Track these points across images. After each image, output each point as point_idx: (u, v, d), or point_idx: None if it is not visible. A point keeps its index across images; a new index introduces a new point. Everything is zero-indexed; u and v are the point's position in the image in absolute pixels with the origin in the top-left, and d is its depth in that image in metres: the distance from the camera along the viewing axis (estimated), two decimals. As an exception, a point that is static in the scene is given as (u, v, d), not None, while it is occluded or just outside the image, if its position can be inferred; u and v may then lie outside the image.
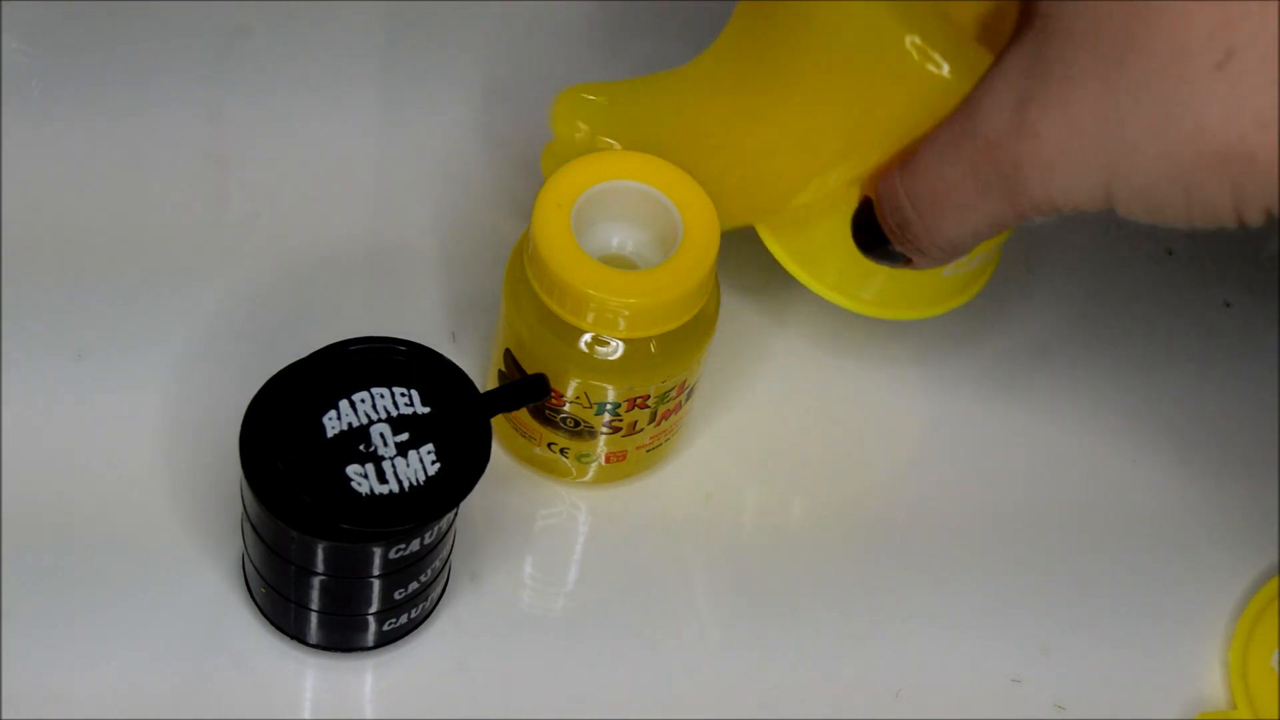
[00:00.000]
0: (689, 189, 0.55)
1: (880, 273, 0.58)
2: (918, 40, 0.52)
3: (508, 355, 0.57)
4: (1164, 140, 0.42)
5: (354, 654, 0.57)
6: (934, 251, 0.51)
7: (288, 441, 0.50)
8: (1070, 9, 0.43)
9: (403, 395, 0.51)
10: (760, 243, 0.66)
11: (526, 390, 0.55)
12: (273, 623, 0.56)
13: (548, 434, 0.58)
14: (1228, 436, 0.64)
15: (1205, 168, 0.42)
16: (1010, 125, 0.45)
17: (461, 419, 0.51)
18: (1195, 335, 0.66)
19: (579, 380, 0.55)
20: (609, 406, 0.56)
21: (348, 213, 0.65)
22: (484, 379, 0.60)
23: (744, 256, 0.66)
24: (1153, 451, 0.63)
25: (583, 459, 0.59)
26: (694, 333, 0.55)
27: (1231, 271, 0.67)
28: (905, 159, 0.50)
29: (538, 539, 0.60)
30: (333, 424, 0.51)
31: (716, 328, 0.56)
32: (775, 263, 0.66)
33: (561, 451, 0.59)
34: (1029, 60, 0.45)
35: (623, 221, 0.56)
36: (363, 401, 0.51)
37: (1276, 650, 0.59)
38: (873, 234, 0.53)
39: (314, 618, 0.55)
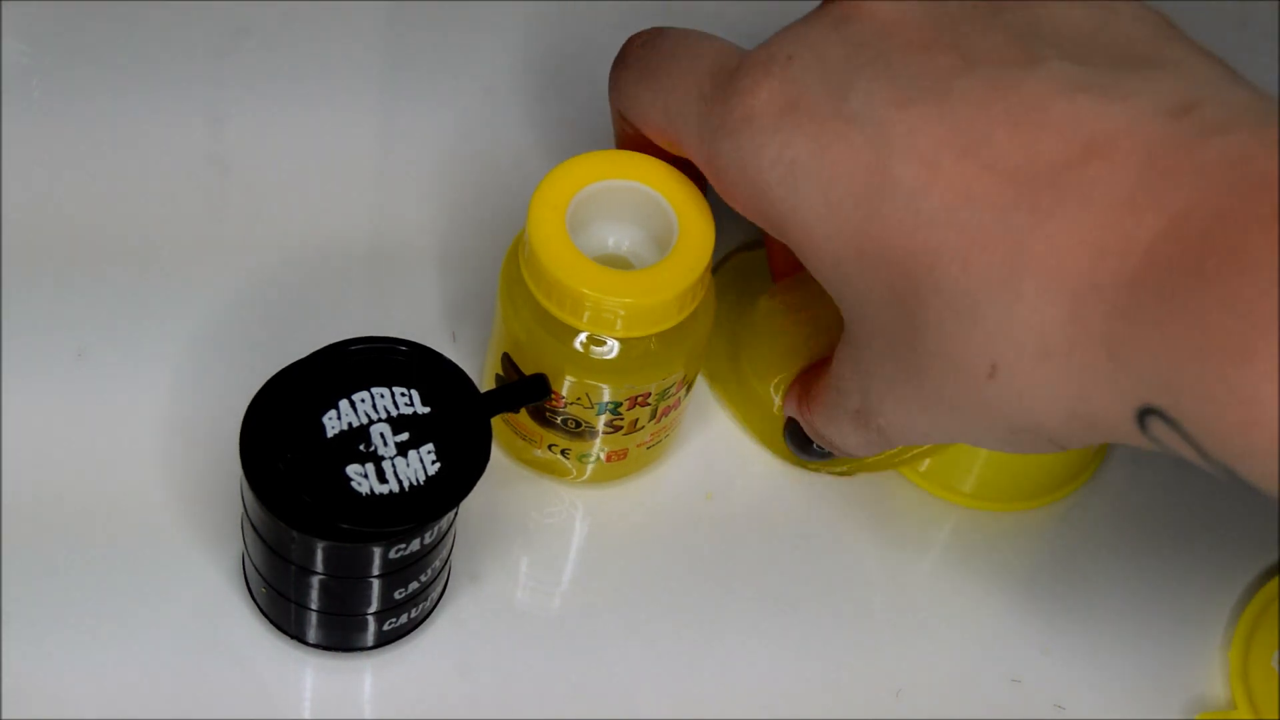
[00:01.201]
0: (683, 187, 0.55)
1: (976, 467, 0.61)
2: None
3: (505, 359, 0.57)
4: (977, 421, 0.48)
5: (354, 654, 0.57)
6: (861, 454, 0.55)
7: (288, 441, 0.50)
8: (867, 325, 0.50)
9: (403, 395, 0.51)
10: (756, 238, 0.66)
11: (527, 390, 0.55)
12: (273, 622, 0.56)
13: (548, 436, 0.58)
14: (1228, 436, 0.64)
15: (1007, 438, 0.49)
16: (863, 408, 0.52)
17: (462, 419, 0.51)
18: (1195, 335, 0.66)
19: (577, 380, 0.55)
20: (609, 406, 0.56)
21: (348, 213, 0.65)
22: (483, 379, 0.60)
23: (740, 251, 0.66)
24: (1152, 451, 0.63)
25: (583, 458, 0.59)
26: (692, 329, 0.55)
27: (1231, 271, 0.67)
28: (808, 401, 0.56)
29: (537, 539, 0.60)
30: (333, 424, 0.51)
31: (714, 324, 0.57)
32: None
33: (562, 453, 0.59)
34: (856, 359, 0.51)
35: (618, 221, 0.56)
36: (363, 401, 0.51)
37: (1276, 650, 0.59)
38: (805, 440, 0.58)
39: (314, 617, 0.55)
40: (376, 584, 0.53)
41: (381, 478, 0.50)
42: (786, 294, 0.60)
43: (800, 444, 0.58)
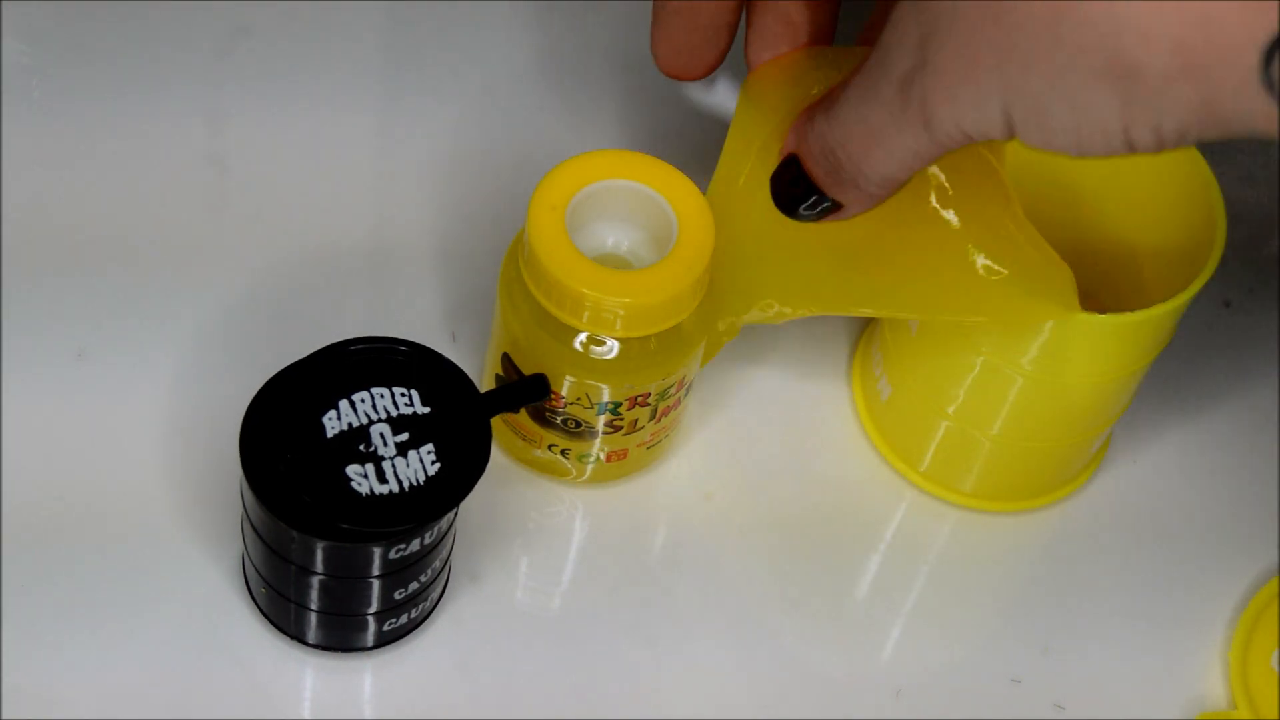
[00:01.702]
0: (682, 187, 0.55)
1: (976, 466, 0.60)
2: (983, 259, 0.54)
3: (505, 359, 0.57)
4: (1052, 60, 0.43)
5: (354, 654, 0.57)
6: (870, 188, 0.51)
7: (288, 441, 0.50)
8: None
9: (403, 395, 0.51)
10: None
11: (527, 390, 0.55)
12: (273, 623, 0.56)
13: (548, 436, 0.58)
14: (1228, 437, 0.64)
15: (1092, 85, 0.43)
16: (915, 62, 0.46)
17: (461, 419, 0.51)
18: (1195, 335, 0.66)
19: (577, 380, 0.55)
20: (608, 406, 0.56)
21: (348, 213, 0.65)
22: (483, 379, 0.60)
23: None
24: (1153, 451, 0.63)
25: (583, 458, 0.59)
26: (691, 329, 0.55)
27: (1231, 271, 0.67)
28: (825, 106, 0.51)
29: (537, 539, 0.60)
30: (333, 424, 0.51)
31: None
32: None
33: (562, 453, 0.59)
34: (912, 26, 0.46)
35: (617, 221, 0.56)
36: (363, 401, 0.51)
37: (1276, 650, 0.59)
38: (799, 188, 0.53)
39: (314, 618, 0.55)
40: (376, 584, 0.53)
41: (381, 478, 0.50)
42: None
43: (790, 196, 0.54)
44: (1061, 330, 0.54)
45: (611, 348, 0.55)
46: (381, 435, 0.51)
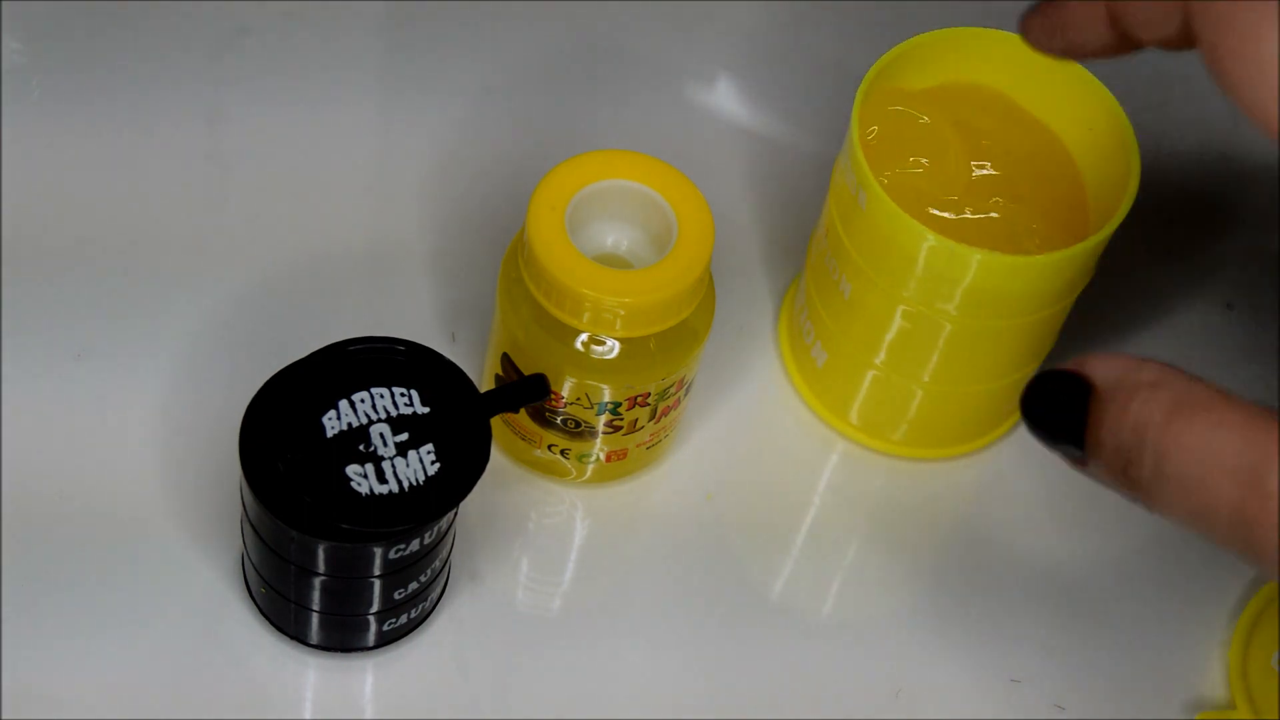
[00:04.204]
0: (682, 187, 0.55)
1: (906, 418, 0.61)
2: None
3: (505, 359, 0.57)
4: None
5: (354, 654, 0.57)
6: (1136, 497, 0.42)
7: (288, 441, 0.50)
8: None
9: (402, 395, 0.51)
10: (753, 239, 0.66)
11: (527, 390, 0.55)
12: (273, 623, 0.56)
13: (547, 436, 0.58)
14: (1228, 436, 0.64)
15: None
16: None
17: (461, 419, 0.51)
18: (1196, 336, 0.66)
19: (577, 380, 0.55)
20: (609, 406, 0.56)
21: (347, 212, 0.65)
22: (483, 379, 0.60)
23: (738, 250, 0.66)
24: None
25: (583, 459, 0.59)
26: (691, 329, 0.55)
27: (1232, 272, 0.67)
28: (1175, 407, 0.41)
29: (537, 539, 0.60)
30: (332, 424, 0.51)
31: (713, 324, 0.56)
32: (770, 257, 0.66)
33: (562, 453, 0.59)
34: None
35: (617, 221, 0.56)
36: (362, 401, 0.51)
37: (1276, 650, 0.59)
38: (1069, 420, 0.43)
39: (314, 618, 0.55)
40: (377, 584, 0.53)
41: (381, 478, 0.50)
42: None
43: (1051, 420, 0.43)
44: (985, 273, 0.54)
45: (612, 348, 0.55)
46: (381, 435, 0.51)
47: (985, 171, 0.57)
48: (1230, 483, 0.39)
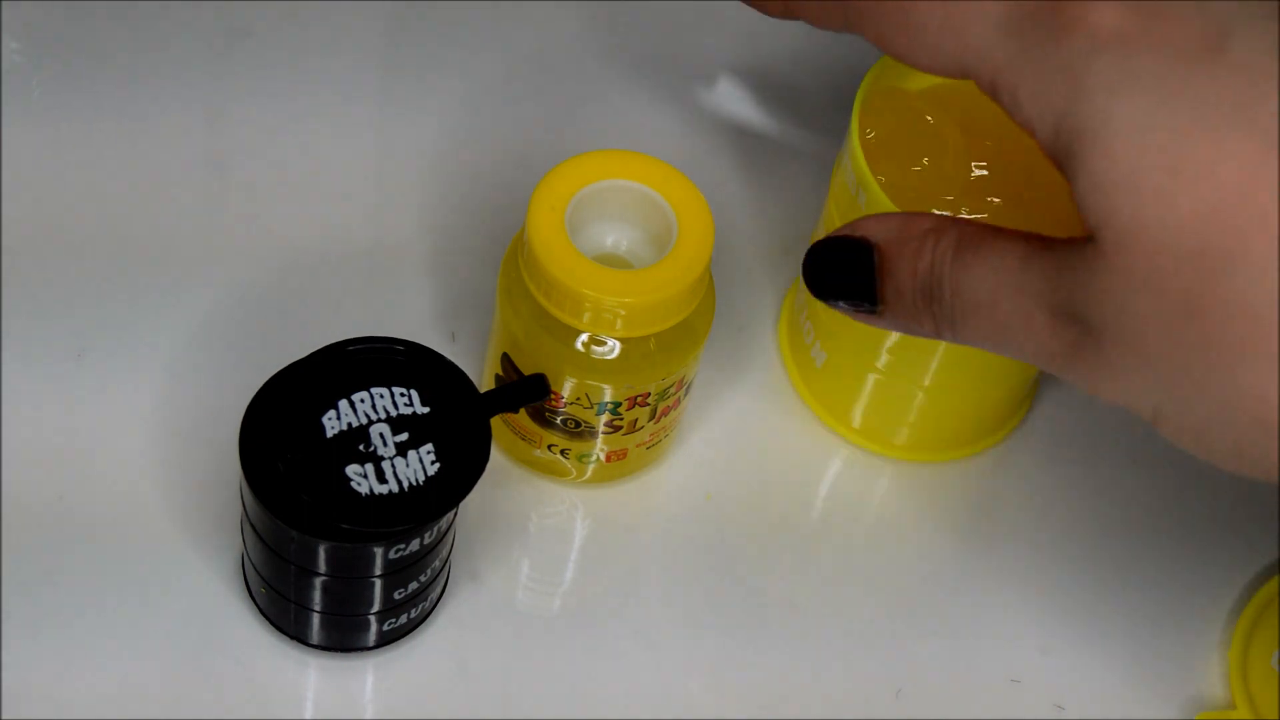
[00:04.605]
0: (682, 187, 0.55)
1: (907, 421, 0.61)
2: None
3: (505, 359, 0.57)
4: (1222, 396, 0.43)
5: (354, 654, 0.57)
6: (943, 334, 0.48)
7: (288, 441, 0.50)
8: (1138, 251, 0.43)
9: (402, 395, 0.51)
10: (753, 239, 0.66)
11: (527, 390, 0.55)
12: (273, 623, 0.56)
13: (547, 436, 0.58)
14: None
15: (1261, 432, 0.43)
16: (1078, 334, 0.45)
17: (461, 419, 0.51)
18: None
19: (577, 381, 0.55)
20: (609, 406, 0.56)
21: (347, 212, 0.65)
22: (483, 379, 0.60)
23: (738, 250, 0.66)
24: (1153, 451, 0.63)
25: (583, 458, 0.59)
26: (692, 329, 0.55)
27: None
28: (960, 244, 0.47)
29: (537, 539, 0.60)
30: (332, 424, 0.51)
31: (713, 323, 0.56)
32: (770, 257, 0.66)
33: (562, 453, 0.59)
34: (1088, 276, 0.44)
35: (617, 221, 0.56)
36: (362, 401, 0.51)
37: (1276, 650, 0.59)
38: (856, 280, 0.49)
39: (314, 618, 0.55)
40: (377, 584, 0.53)
41: (381, 478, 0.50)
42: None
43: (837, 282, 0.50)
44: None
45: (612, 348, 0.55)
46: (381, 435, 0.51)
47: (983, 172, 0.57)
48: (1014, 296, 0.45)
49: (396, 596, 0.54)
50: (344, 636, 0.56)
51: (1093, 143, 0.43)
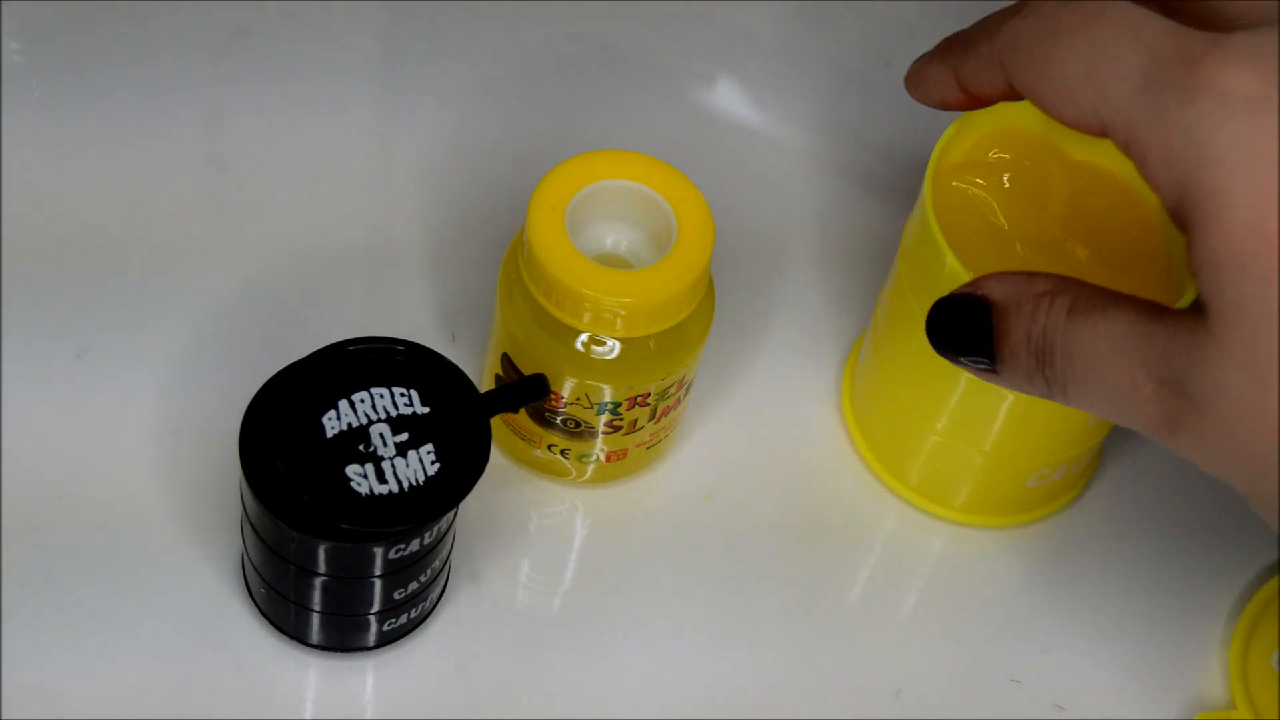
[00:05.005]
0: (682, 187, 0.55)
1: (966, 481, 0.60)
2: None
3: (505, 359, 0.57)
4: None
5: (354, 654, 0.57)
6: (1054, 396, 0.48)
7: (287, 441, 0.50)
8: (1241, 331, 0.43)
9: (402, 395, 0.51)
10: (753, 239, 0.66)
11: (527, 390, 0.55)
12: (273, 623, 0.56)
13: (547, 436, 0.58)
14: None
15: None
16: (1181, 405, 0.45)
17: (461, 419, 0.51)
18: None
19: (577, 381, 0.55)
20: (609, 406, 0.56)
21: (347, 212, 0.65)
22: (483, 379, 0.60)
23: (738, 250, 0.66)
24: (1153, 450, 0.63)
25: (583, 458, 0.59)
26: (691, 329, 0.55)
27: None
28: (1074, 305, 0.47)
29: (537, 539, 0.60)
30: (332, 424, 0.51)
31: (713, 323, 0.56)
32: (769, 256, 0.66)
33: (562, 453, 0.59)
34: (1195, 349, 0.44)
35: (617, 221, 0.56)
36: (362, 401, 0.51)
37: (1276, 650, 0.59)
38: (973, 338, 0.50)
39: (314, 618, 0.55)
40: (377, 584, 0.53)
41: (381, 478, 0.50)
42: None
43: (957, 339, 0.50)
44: None
45: (612, 348, 0.55)
46: (381, 435, 0.51)
47: (1067, 237, 0.56)
48: (1124, 363, 0.45)
49: (396, 596, 0.54)
50: (344, 636, 0.56)
51: (1209, 216, 0.43)
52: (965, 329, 0.49)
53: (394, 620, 0.55)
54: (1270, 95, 0.43)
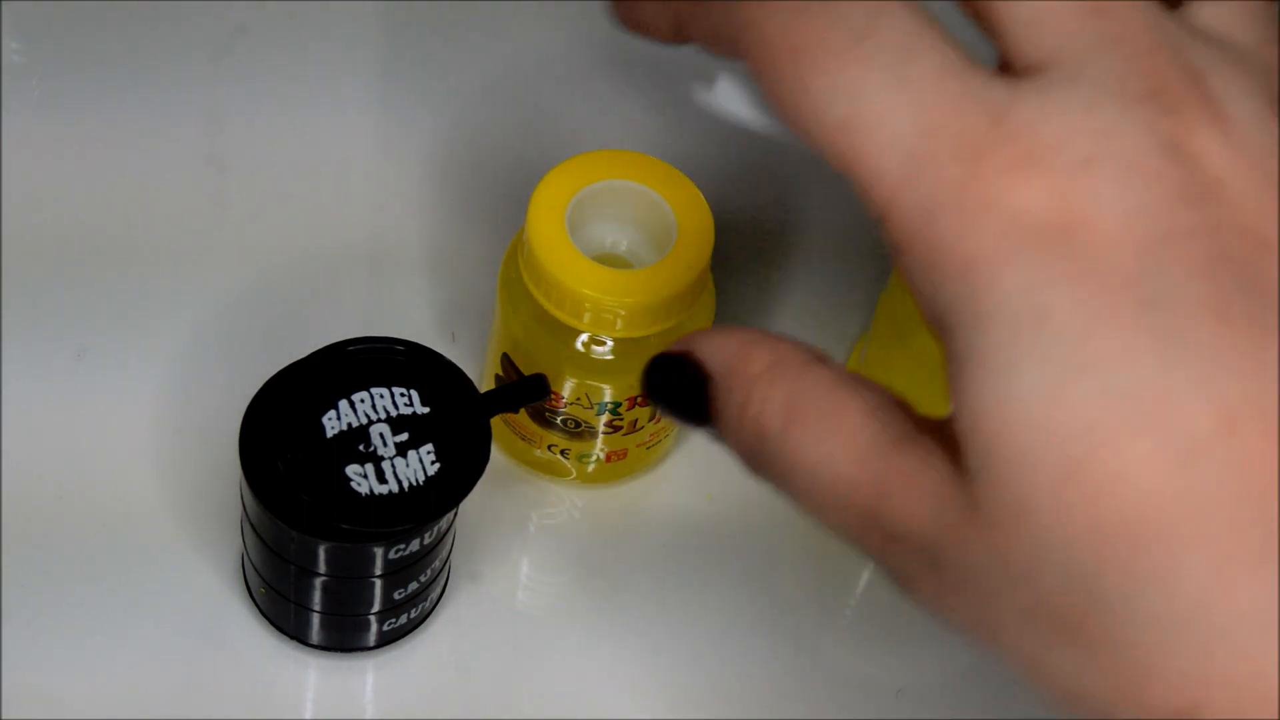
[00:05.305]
0: (682, 186, 0.55)
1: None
2: None
3: (505, 359, 0.57)
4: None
5: (354, 654, 0.57)
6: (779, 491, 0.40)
7: (287, 441, 0.50)
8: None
9: (402, 395, 0.51)
10: (754, 237, 0.66)
11: (527, 390, 0.55)
12: (273, 623, 0.56)
13: (547, 436, 0.58)
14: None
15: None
16: (912, 554, 0.40)
17: (461, 419, 0.51)
18: None
19: (577, 381, 0.55)
20: (609, 406, 0.56)
21: (347, 212, 0.65)
22: (483, 379, 0.60)
23: (738, 250, 0.66)
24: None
25: (583, 459, 0.59)
26: (691, 329, 0.55)
27: None
28: (795, 400, 0.39)
29: (537, 539, 0.60)
30: (332, 424, 0.51)
31: (713, 323, 0.57)
32: (769, 257, 0.66)
33: (562, 453, 0.59)
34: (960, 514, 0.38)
35: (617, 221, 0.56)
36: (362, 401, 0.51)
37: (1276, 650, 0.59)
38: (690, 399, 0.41)
39: (314, 618, 0.55)
40: (377, 584, 0.53)
41: (381, 478, 0.50)
42: None
43: (673, 399, 0.41)
44: None
45: (612, 348, 0.55)
46: (381, 435, 0.51)
47: None
48: (845, 509, 0.39)
49: (396, 596, 0.54)
50: (344, 636, 0.56)
51: (981, 394, 0.35)
52: (683, 397, 0.41)
53: (394, 620, 0.55)
54: (1068, 219, 0.34)
